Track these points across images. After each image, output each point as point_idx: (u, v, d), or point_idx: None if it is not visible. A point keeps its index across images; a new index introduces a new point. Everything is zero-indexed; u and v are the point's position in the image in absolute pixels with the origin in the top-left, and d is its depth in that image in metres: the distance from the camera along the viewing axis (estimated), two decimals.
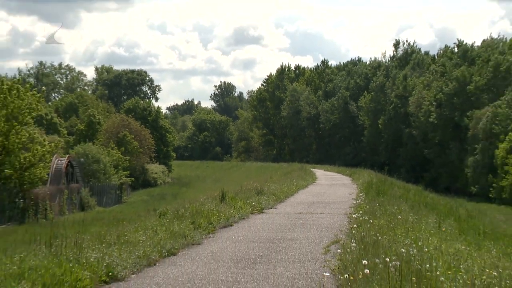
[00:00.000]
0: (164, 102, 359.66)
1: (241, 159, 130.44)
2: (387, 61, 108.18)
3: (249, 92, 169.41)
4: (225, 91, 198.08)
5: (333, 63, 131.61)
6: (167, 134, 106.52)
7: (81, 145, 70.30)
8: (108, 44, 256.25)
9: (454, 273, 9.64)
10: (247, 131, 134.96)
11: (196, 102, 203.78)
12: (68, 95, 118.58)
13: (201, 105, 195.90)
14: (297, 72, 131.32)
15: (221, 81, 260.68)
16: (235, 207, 20.41)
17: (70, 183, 57.41)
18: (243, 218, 19.29)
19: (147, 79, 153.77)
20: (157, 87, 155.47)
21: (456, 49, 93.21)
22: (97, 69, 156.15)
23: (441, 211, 24.23)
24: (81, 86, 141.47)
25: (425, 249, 11.63)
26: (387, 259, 9.36)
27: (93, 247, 11.60)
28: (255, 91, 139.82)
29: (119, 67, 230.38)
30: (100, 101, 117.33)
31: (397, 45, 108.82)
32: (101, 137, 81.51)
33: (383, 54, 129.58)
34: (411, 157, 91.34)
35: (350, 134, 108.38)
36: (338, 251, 12.34)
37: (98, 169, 65.99)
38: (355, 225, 15.71)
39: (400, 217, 17.57)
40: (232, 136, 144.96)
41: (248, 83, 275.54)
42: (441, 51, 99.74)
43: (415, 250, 11.27)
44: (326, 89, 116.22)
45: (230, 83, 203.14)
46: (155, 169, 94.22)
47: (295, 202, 25.91)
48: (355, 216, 18.11)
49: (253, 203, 22.08)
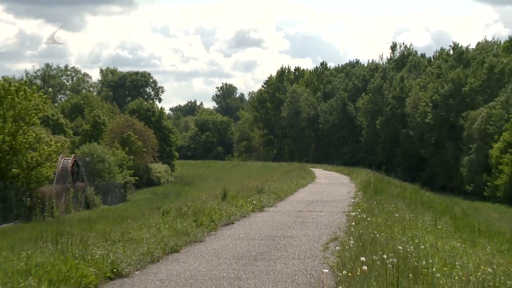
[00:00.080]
0: (167, 103, 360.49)
1: (242, 158, 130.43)
2: (385, 63, 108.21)
3: (250, 93, 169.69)
4: (226, 93, 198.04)
5: (331, 65, 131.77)
6: (170, 134, 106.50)
7: (86, 145, 70.30)
8: (112, 46, 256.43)
9: (449, 270, 9.64)
10: (248, 132, 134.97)
11: (198, 103, 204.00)
12: (74, 96, 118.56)
13: (203, 106, 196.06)
14: (297, 74, 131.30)
15: (222, 83, 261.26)
16: (236, 205, 20.40)
17: (75, 182, 57.41)
18: (244, 216, 19.27)
19: (151, 80, 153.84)
20: (161, 89, 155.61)
21: (451, 52, 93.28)
22: (102, 71, 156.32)
23: (437, 209, 24.20)
24: (86, 87, 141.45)
25: (421, 246, 11.62)
26: (385, 256, 9.35)
27: (98, 244, 11.60)
28: (256, 93, 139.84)
29: (123, 69, 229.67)
30: (105, 102, 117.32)
31: (394, 47, 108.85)
32: (106, 137, 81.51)
33: (380, 56, 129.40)
34: (408, 156, 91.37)
35: (348, 134, 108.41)
36: (336, 248, 12.34)
37: (103, 168, 66.00)
38: (353, 223, 15.71)
39: (397, 215, 17.56)
40: (233, 136, 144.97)
41: (249, 84, 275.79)
42: (437, 54, 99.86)
43: (412, 247, 11.26)
44: (325, 91, 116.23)
45: (231, 85, 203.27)
46: (159, 168, 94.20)
47: (295, 200, 25.90)
48: (353, 214, 18.12)
49: (254, 202, 22.07)
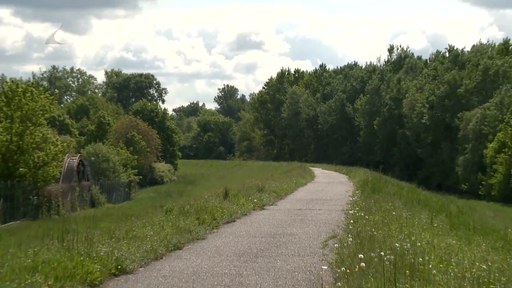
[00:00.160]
0: (170, 104, 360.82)
1: (243, 158, 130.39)
2: (382, 65, 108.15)
3: (251, 94, 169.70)
4: (228, 94, 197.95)
5: (330, 67, 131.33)
6: (173, 134, 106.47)
7: (91, 145, 70.28)
8: (117, 49, 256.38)
9: (445, 266, 9.63)
10: (249, 132, 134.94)
11: (200, 104, 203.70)
12: (79, 97, 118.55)
13: (206, 107, 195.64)
14: (297, 75, 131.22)
15: (224, 84, 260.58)
16: (237, 203, 20.39)
17: (81, 181, 57.40)
18: (245, 214, 19.27)
19: (154, 82, 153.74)
20: (164, 90, 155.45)
21: (447, 54, 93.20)
22: (107, 73, 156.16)
23: (433, 208, 24.19)
24: (91, 89, 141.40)
25: (418, 244, 11.61)
26: (382, 253, 9.34)
27: (103, 242, 11.60)
28: (257, 94, 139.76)
29: (127, 71, 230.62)
30: (109, 103, 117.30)
31: (391, 50, 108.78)
32: (110, 137, 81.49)
33: (378, 58, 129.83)
34: (405, 156, 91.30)
35: (346, 134, 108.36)
36: (335, 245, 12.33)
37: (107, 167, 65.98)
38: (352, 221, 15.70)
39: (394, 213, 17.55)
40: (235, 136, 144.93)
41: (250, 86, 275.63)
42: (433, 56, 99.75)
43: (409, 244, 11.26)
44: (324, 92, 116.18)
45: (233, 86, 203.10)
46: (162, 167, 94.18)
47: (294, 199, 25.89)
48: (352, 212, 18.09)
49: (255, 200, 22.06)
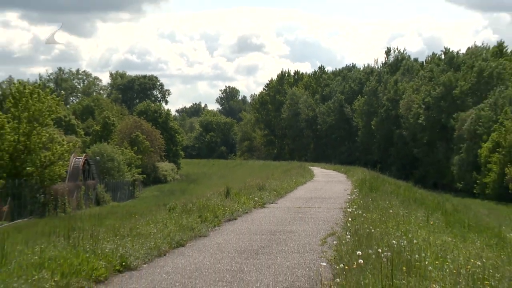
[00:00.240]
0: (173, 105, 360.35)
1: (244, 157, 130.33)
2: (379, 67, 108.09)
3: (251, 95, 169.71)
4: (229, 95, 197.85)
5: (329, 69, 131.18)
6: (176, 134, 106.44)
7: (97, 144, 70.28)
8: (121, 51, 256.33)
9: (441, 263, 9.62)
10: (250, 132, 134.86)
11: (203, 105, 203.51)
12: (85, 98, 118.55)
13: (208, 108, 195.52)
14: (296, 77, 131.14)
15: (226, 86, 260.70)
16: (239, 202, 20.38)
17: (86, 179, 57.40)
18: (246, 212, 19.25)
19: (158, 84, 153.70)
20: (167, 91, 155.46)
21: (443, 56, 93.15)
22: (111, 75, 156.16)
23: (429, 206, 24.14)
24: (97, 90, 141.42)
25: (414, 241, 11.60)
26: (380, 250, 9.33)
27: (108, 239, 11.59)
28: (257, 95, 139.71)
29: (132, 72, 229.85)
30: (114, 104, 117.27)
31: (388, 52, 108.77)
32: (115, 137, 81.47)
33: (375, 60, 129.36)
34: (402, 156, 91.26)
35: (345, 134, 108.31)
36: (334, 242, 12.31)
37: (112, 167, 65.97)
38: (350, 219, 15.67)
39: (391, 211, 17.52)
40: (236, 136, 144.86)
41: (251, 87, 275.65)
42: (429, 58, 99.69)
43: (405, 241, 11.24)
44: (323, 93, 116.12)
45: (234, 88, 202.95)
46: (165, 167, 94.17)
47: (294, 197, 25.87)
48: (350, 210, 18.06)
49: (256, 198, 22.04)
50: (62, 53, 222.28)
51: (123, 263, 10.29)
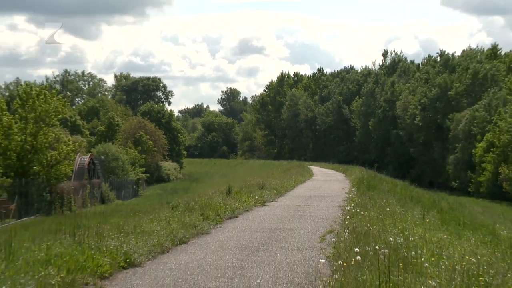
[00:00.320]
0: (176, 106, 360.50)
1: (245, 157, 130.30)
2: (377, 69, 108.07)
3: (252, 97, 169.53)
4: (231, 96, 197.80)
5: (328, 71, 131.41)
6: (179, 134, 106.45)
7: (101, 144, 70.30)
8: (126, 53, 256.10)
9: (437, 260, 9.62)
10: (250, 132, 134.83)
11: (205, 106, 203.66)
12: (90, 99, 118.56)
13: (210, 109, 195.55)
14: (296, 79, 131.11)
15: (227, 87, 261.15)
16: (240, 200, 20.36)
17: (92, 178, 57.41)
18: (247, 210, 19.22)
19: (161, 85, 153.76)
20: (170, 93, 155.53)
21: (438, 59, 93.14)
22: (116, 76, 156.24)
23: (425, 204, 24.13)
24: (101, 91, 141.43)
25: (411, 238, 11.59)
26: (377, 247, 9.33)
27: (113, 236, 11.59)
28: (258, 96, 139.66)
29: (136, 74, 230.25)
30: (118, 105, 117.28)
31: (385, 54, 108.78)
32: (119, 137, 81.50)
33: (373, 62, 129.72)
34: (398, 155, 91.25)
35: (343, 134, 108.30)
36: (332, 240, 12.31)
37: (117, 166, 65.99)
38: (348, 217, 15.67)
39: (388, 209, 17.51)
40: (237, 136, 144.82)
41: (251, 89, 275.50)
42: (425, 60, 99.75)
43: (402, 239, 11.23)
44: (321, 94, 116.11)
45: (235, 89, 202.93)
46: (168, 166, 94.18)
47: (294, 196, 25.84)
48: (348, 208, 18.05)
49: (256, 197, 22.02)
50: (68, 55, 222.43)
51: (127, 260, 10.28)
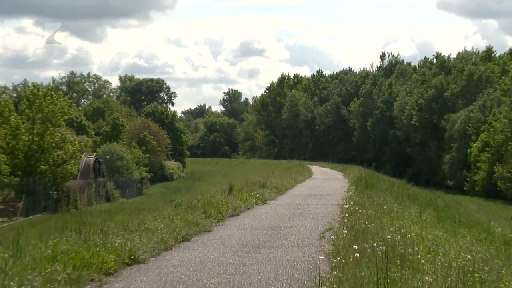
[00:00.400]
0: (179, 106, 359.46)
1: (246, 156, 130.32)
2: (374, 71, 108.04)
3: (253, 98, 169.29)
4: (232, 97, 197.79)
5: (327, 72, 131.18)
6: (182, 134, 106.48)
7: (106, 144, 70.32)
8: (130, 56, 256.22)
9: (433, 257, 9.60)
10: (252, 132, 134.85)
11: (207, 106, 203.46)
12: (95, 100, 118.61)
13: (212, 109, 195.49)
14: (296, 80, 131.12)
15: (229, 88, 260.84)
16: (241, 198, 20.33)
17: (97, 177, 57.41)
18: (248, 208, 19.20)
19: (165, 86, 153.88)
20: (173, 94, 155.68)
21: (434, 61, 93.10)
22: (121, 78, 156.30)
23: (421, 202, 24.10)
24: (107, 93, 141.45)
25: (408, 236, 11.57)
26: (375, 244, 9.31)
27: (117, 234, 11.57)
28: (259, 97, 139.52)
29: (140, 76, 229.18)
30: (123, 106, 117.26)
31: (383, 57, 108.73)
32: (124, 138, 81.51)
33: (371, 64, 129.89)
34: (395, 154, 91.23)
35: (342, 134, 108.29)
36: (331, 237, 12.29)
37: (121, 165, 66.01)
38: (347, 215, 15.66)
39: (386, 207, 17.49)
40: (238, 136, 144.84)
41: (252, 90, 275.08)
42: (422, 62, 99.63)
43: (399, 236, 11.22)
44: (321, 95, 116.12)
45: (237, 90, 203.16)
46: (171, 165, 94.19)
47: (294, 194, 25.81)
48: (347, 206, 18.02)
49: (257, 195, 21.98)
50: (74, 57, 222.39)
51: (132, 257, 10.27)
